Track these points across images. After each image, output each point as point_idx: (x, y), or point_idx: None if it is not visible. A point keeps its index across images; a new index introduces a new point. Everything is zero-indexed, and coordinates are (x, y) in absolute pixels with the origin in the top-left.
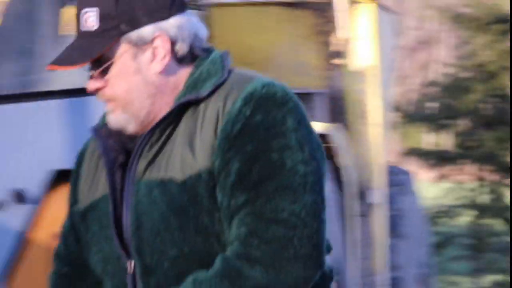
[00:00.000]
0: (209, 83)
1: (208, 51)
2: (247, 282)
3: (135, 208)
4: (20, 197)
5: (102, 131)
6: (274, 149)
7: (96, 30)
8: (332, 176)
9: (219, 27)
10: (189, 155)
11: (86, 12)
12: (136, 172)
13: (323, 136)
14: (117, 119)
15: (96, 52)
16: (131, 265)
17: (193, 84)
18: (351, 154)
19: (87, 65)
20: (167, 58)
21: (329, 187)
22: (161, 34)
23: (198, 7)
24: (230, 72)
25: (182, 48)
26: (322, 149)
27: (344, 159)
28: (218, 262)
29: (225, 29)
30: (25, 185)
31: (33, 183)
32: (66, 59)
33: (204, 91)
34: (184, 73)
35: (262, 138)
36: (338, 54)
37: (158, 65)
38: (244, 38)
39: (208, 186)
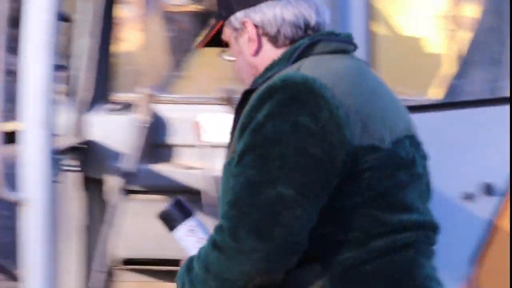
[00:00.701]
0: (268, 74)
1: (296, 40)
2: (209, 262)
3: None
4: (489, 189)
5: None
6: (263, 145)
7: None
8: None
9: None
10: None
11: None
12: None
13: None
14: None
15: (210, 34)
16: None
17: (263, 72)
18: None
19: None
20: (256, 42)
21: None
22: (247, 20)
23: None
24: (295, 62)
25: (269, 32)
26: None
27: None
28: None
29: None
30: (493, 179)
31: (500, 178)
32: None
33: (259, 82)
34: (276, 56)
35: (258, 134)
36: None
37: (251, 48)
38: None
39: (227, 170)
